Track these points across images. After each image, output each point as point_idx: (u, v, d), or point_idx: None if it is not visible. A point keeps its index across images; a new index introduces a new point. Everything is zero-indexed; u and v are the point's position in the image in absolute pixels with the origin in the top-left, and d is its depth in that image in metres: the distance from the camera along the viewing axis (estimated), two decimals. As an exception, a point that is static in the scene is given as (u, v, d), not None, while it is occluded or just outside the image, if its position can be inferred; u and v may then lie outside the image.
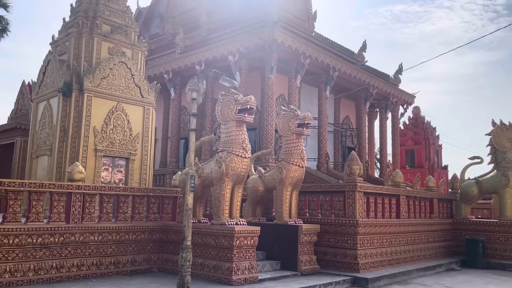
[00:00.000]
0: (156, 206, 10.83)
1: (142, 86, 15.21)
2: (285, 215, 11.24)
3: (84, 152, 13.77)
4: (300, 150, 11.37)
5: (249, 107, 9.81)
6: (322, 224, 11.87)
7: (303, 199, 12.55)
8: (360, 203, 11.56)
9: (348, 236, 11.52)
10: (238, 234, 9.33)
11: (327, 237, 11.89)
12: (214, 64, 20.96)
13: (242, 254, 9.48)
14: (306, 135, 11.49)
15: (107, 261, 9.66)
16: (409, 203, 13.83)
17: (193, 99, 8.24)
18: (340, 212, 11.78)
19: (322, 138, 21.81)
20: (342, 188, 11.77)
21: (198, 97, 8.21)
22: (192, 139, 8.35)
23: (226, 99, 10.09)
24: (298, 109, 12.29)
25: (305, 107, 22.90)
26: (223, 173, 9.73)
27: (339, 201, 11.83)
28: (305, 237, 11.01)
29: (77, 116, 13.91)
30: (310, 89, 23.17)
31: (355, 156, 11.92)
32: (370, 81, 23.54)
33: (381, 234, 12.26)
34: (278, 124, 11.74)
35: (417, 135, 30.80)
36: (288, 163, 11.26)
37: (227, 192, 9.80)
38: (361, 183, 11.67)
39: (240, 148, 9.78)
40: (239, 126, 9.92)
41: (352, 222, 11.36)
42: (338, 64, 21.51)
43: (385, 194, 12.79)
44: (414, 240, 13.69)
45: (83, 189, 9.39)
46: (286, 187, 11.25)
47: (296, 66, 20.27)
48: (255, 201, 12.07)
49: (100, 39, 14.64)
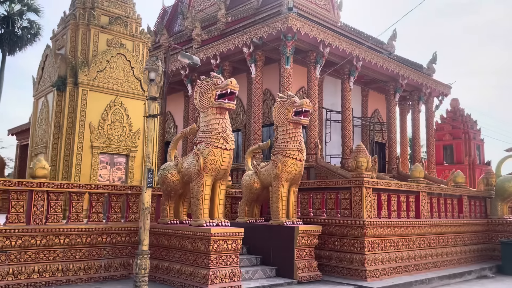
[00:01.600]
0: (136, 205, 9.65)
1: (142, 79, 14.16)
2: (281, 215, 9.78)
3: (79, 149, 12.84)
4: (297, 141, 9.88)
5: (229, 92, 8.44)
6: (327, 225, 10.33)
7: (307, 197, 11.04)
8: (368, 201, 9.92)
9: (354, 239, 9.92)
10: (216, 237, 7.97)
11: (332, 240, 10.33)
12: (229, 57, 19.75)
13: (221, 260, 8.12)
14: (304, 124, 9.97)
15: (75, 267, 8.55)
16: (432, 201, 11.98)
17: (151, 80, 6.99)
18: (346, 211, 10.19)
19: (346, 133, 20.06)
20: (348, 184, 10.18)
21: (157, 78, 6.95)
22: (150, 126, 7.09)
23: (205, 83, 8.77)
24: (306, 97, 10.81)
25: (328, 100, 21.31)
26: (200, 167, 8.40)
27: (345, 198, 10.23)
28: (303, 240, 9.50)
29: (72, 111, 13.01)
30: (334, 81, 21.48)
31: (362, 147, 10.28)
32: (399, 71, 21.54)
33: (396, 236, 10.55)
34: (273, 113, 10.30)
35: (456, 129, 28.35)
36: (284, 156, 9.80)
37: (206, 188, 8.46)
38: (369, 178, 10.03)
39: (219, 138, 8.42)
40: (220, 113, 8.57)
41: (358, 223, 9.75)
42: (362, 53, 19.71)
43: (401, 190, 11.04)
44: (438, 243, 11.84)
45: (46, 186, 8.33)
46: (282, 183, 9.79)
47: (315, 56, 18.65)
48: (251, 199, 10.67)
49: (97, 31, 13.71)
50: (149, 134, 7.06)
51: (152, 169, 7.12)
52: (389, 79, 22.13)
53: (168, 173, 9.13)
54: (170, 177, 9.10)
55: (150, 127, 7.06)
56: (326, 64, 19.94)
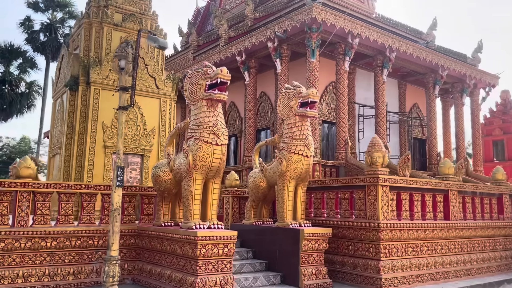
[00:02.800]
0: (132, 206, 9.05)
1: (157, 76, 13.65)
2: (286, 216, 8.85)
3: (91, 149, 12.48)
4: (303, 135, 8.92)
5: (219, 81, 7.65)
6: (340, 228, 9.30)
7: (320, 197, 10.04)
8: (385, 201, 8.79)
9: (369, 243, 8.82)
10: (203, 241, 7.18)
11: (346, 244, 9.28)
12: (255, 53, 18.92)
13: (211, 266, 7.32)
14: (310, 116, 8.99)
15: (64, 271, 8.02)
16: (465, 200, 10.61)
17: (121, 68, 6.32)
18: (360, 212, 9.11)
19: (380, 129, 18.66)
20: (362, 182, 9.08)
21: (127, 66, 6.26)
22: (121, 119, 6.41)
23: (195, 74, 8.02)
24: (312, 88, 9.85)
25: (361, 94, 19.99)
26: (190, 165, 7.66)
27: (360, 198, 9.15)
28: (310, 244, 8.52)
29: (84, 111, 12.68)
30: (367, 74, 20.11)
31: (377, 141, 9.15)
32: (439, 61, 19.84)
33: (419, 240, 9.33)
34: (278, 105, 9.39)
35: (508, 123, 26.04)
36: (289, 152, 8.87)
37: (196, 188, 7.69)
38: (386, 175, 8.88)
39: (209, 132, 7.63)
40: (210, 105, 7.78)
41: (373, 225, 8.64)
42: (395, 43, 18.26)
43: (426, 189, 9.79)
44: (472, 248, 10.45)
45: (31, 186, 7.87)
46: (288, 181, 8.86)
47: (343, 48, 17.45)
48: (257, 199, 9.80)
49: (110, 29, 13.33)
50: (120, 128, 6.40)
51: (122, 167, 6.44)
52: (428, 71, 20.48)
53: (160, 172, 8.45)
54: (162, 176, 8.42)
55: (121, 120, 6.40)
56: (357, 57, 18.72)
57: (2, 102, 29.50)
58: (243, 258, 9.24)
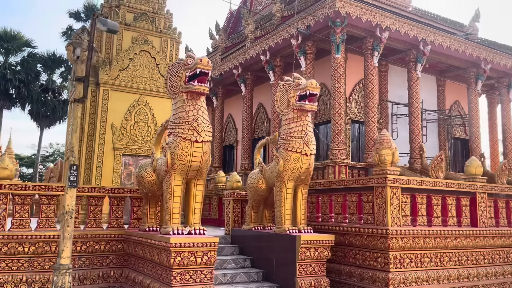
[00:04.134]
0: (120, 209, 8.44)
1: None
2: (284, 221, 7.92)
3: (100, 151, 12.10)
4: (303, 131, 7.96)
5: (199, 72, 6.88)
6: (347, 234, 8.25)
7: (327, 200, 9.01)
8: (395, 204, 7.65)
9: (377, 252, 7.71)
10: (177, 248, 6.40)
11: (353, 253, 8.21)
12: (279, 52, 18.03)
13: (188, 276, 6.53)
14: (309, 110, 8.01)
15: (43, 278, 7.50)
16: (497, 205, 9.22)
17: (77, 57, 5.70)
18: (369, 217, 8.01)
19: (414, 128, 17.20)
20: (370, 182, 7.99)
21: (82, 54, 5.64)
22: (75, 113, 5.77)
23: (176, 65, 7.31)
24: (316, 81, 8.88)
25: (395, 92, 18.59)
26: (168, 164, 6.94)
27: (368, 201, 8.06)
28: (308, 252, 7.54)
29: (93, 112, 12.33)
30: (401, 71, 18.69)
31: (386, 136, 8.02)
32: (480, 54, 18.09)
33: (438, 249, 8.10)
34: (276, 99, 8.49)
35: None
36: (286, 150, 7.95)
37: (175, 189, 6.94)
38: (396, 175, 7.75)
39: (188, 128, 6.87)
40: (191, 99, 7.03)
41: (381, 232, 7.54)
42: (430, 36, 16.79)
43: (448, 191, 8.53)
44: (506, 259, 9.03)
45: (7, 188, 7.43)
46: (285, 182, 7.94)
47: (371, 42, 16.22)
48: (257, 202, 8.92)
49: (121, 29, 12.92)
50: (74, 123, 5.78)
51: (76, 165, 5.81)
52: (469, 65, 18.73)
53: (143, 172, 7.80)
54: (145, 176, 7.75)
55: (76, 114, 5.78)
56: (389, 52, 17.45)
57: (46, 109, 30.31)
58: (240, 266, 8.40)
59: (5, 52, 29.70)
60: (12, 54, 30.03)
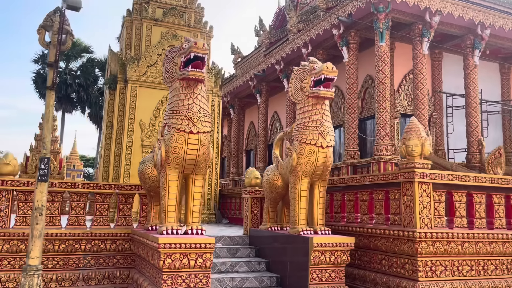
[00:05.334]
0: (128, 207, 7.99)
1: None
2: (298, 221, 7.08)
3: (128, 148, 11.87)
4: (318, 121, 7.09)
5: (193, 56, 6.26)
6: (372, 237, 7.26)
7: (352, 198, 8.04)
8: (425, 202, 6.56)
9: (404, 257, 6.66)
10: (167, 250, 5.80)
11: (378, 258, 7.19)
12: (322, 44, 17.05)
13: (181, 280, 5.90)
14: (325, 97, 7.10)
15: (46, 277, 7.22)
16: (558, 204, 7.75)
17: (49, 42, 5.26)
18: (396, 217, 6.97)
19: (472, 121, 15.54)
20: (397, 178, 6.94)
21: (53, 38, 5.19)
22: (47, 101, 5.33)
23: (172, 51, 6.75)
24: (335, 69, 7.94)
25: (450, 82, 16.95)
26: (162, 158, 6.38)
27: (395, 199, 7.02)
28: (322, 256, 6.66)
29: (122, 109, 12.14)
30: (457, 59, 17.01)
31: (414, 125, 6.92)
32: (550, 36, 16.07)
33: (481, 256, 6.88)
34: (289, 86, 7.67)
35: None
36: (300, 143, 7.12)
37: (170, 185, 6.35)
38: (425, 169, 6.64)
39: (182, 118, 6.26)
40: (187, 86, 6.43)
41: (407, 234, 6.49)
42: (489, 19, 15.10)
43: (494, 188, 7.25)
44: None
45: (9, 184, 7.22)
46: (299, 178, 7.11)
47: (420, 28, 14.82)
48: (273, 200, 8.13)
49: (150, 24, 12.71)
50: (46, 112, 5.35)
51: (47, 158, 5.36)
52: (535, 49, 16.72)
53: (144, 168, 7.29)
54: (146, 172, 7.24)
55: (49, 103, 5.34)
56: (442, 39, 15.97)
57: (103, 112, 31.26)
58: (253, 270, 7.67)
59: (65, 58, 30.98)
60: (72, 60, 31.27)
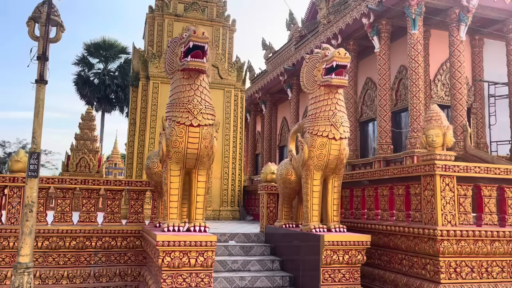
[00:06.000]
0: (140, 203, 7.83)
1: (220, 65, 12.42)
2: (310, 218, 6.67)
3: (150, 145, 11.81)
4: (330, 112, 6.64)
5: (192, 45, 5.99)
6: (392, 234, 6.74)
7: (372, 194, 7.52)
8: (448, 198, 5.98)
9: (425, 257, 6.11)
10: (166, 247, 5.55)
11: (398, 257, 6.66)
12: (352, 35, 16.40)
13: (181, 279, 5.63)
14: (337, 85, 6.63)
15: (57, 274, 7.18)
16: None
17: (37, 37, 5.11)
18: (417, 213, 6.42)
19: (516, 111, 14.49)
20: (417, 171, 6.38)
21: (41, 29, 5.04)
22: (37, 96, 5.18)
23: (173, 41, 6.51)
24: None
25: (492, 70, 15.86)
26: (163, 153, 6.15)
27: (416, 194, 6.46)
28: (335, 255, 6.21)
29: (144, 106, 12.09)
30: (500, 45, 15.91)
31: (435, 113, 6.32)
32: None
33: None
34: (301, 76, 7.24)
35: None
36: (311, 135, 6.70)
37: (172, 180, 6.10)
38: (448, 161, 6.06)
39: (182, 111, 6.00)
40: (188, 77, 6.16)
41: (428, 232, 5.93)
42: (534, -1, 13.98)
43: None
44: None
45: (20, 181, 7.22)
46: (311, 172, 6.69)
47: (457, 13, 13.92)
48: (287, 196, 7.73)
49: (171, 20, 12.59)
50: (36, 106, 5.19)
51: (37, 153, 5.21)
52: None
53: (150, 163, 7.09)
54: (152, 167, 7.04)
55: (38, 97, 5.18)
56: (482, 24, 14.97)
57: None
58: (266, 269, 7.31)
59: (104, 60, 31.70)
60: (110, 61, 31.95)
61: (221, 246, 7.58)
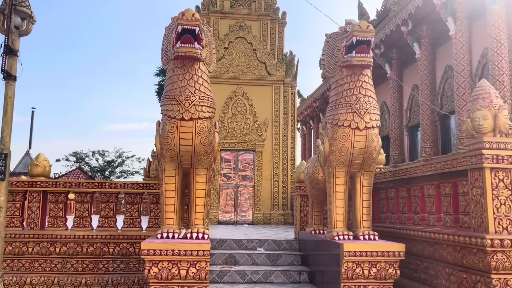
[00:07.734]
0: (159, 207, 7.29)
1: (267, 61, 11.68)
2: (335, 223, 5.63)
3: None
4: (353, 97, 5.57)
5: (181, 29, 5.30)
6: (436, 244, 5.46)
7: (417, 194, 6.23)
8: (503, 197, 4.61)
9: (476, 274, 4.77)
10: (152, 257, 4.91)
11: (446, 272, 5.34)
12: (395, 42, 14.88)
13: (172, 292, 4.97)
14: (359, 64, 5.51)
15: (75, 281, 6.87)
16: None
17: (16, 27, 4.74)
18: (465, 217, 5.09)
19: None
20: (462, 164, 5.05)
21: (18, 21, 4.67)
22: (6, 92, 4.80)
23: (168, 28, 5.87)
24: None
25: None
26: (157, 151, 5.54)
27: (464, 193, 5.14)
28: (358, 269, 5.11)
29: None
30: None
31: (483, 90, 4.94)
32: None
33: None
34: (322, 58, 6.21)
35: None
36: (332, 125, 5.68)
37: (166, 181, 5.47)
38: (501, 150, 4.68)
39: (174, 104, 5.34)
40: (181, 66, 5.49)
41: (476, 242, 4.62)
42: None
43: None
44: None
45: (39, 186, 7.06)
46: (333, 169, 5.66)
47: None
48: (317, 197, 6.69)
49: (217, 18, 12.13)
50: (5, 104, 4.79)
51: (5, 154, 4.80)
52: None
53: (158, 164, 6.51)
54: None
55: (7, 94, 4.78)
56: None
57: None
58: (292, 281, 6.37)
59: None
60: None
61: (244, 254, 6.79)
